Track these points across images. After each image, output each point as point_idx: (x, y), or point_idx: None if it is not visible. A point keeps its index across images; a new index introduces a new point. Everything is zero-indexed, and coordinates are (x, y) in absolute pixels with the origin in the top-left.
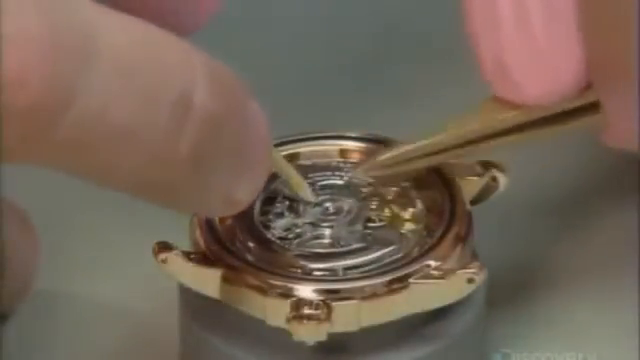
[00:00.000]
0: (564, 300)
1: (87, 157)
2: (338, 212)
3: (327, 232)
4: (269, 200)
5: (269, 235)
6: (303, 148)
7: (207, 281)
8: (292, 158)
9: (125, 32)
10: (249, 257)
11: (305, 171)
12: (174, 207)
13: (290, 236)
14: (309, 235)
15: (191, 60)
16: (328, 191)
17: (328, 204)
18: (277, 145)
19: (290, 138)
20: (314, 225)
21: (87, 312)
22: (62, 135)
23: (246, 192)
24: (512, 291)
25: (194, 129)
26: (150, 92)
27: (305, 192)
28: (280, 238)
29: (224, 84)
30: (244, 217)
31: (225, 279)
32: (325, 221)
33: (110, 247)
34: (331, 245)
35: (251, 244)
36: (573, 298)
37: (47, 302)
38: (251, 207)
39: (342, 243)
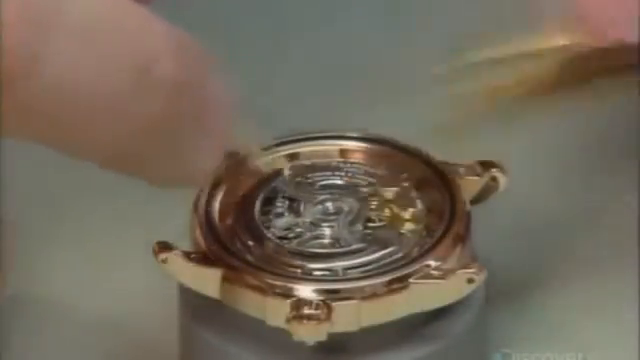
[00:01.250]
0: (564, 300)
1: (53, 126)
2: (338, 212)
3: (327, 232)
4: (269, 200)
5: (269, 235)
6: (303, 148)
7: (207, 281)
8: (292, 158)
9: (89, 1)
10: (249, 257)
11: (305, 171)
12: (142, 176)
13: (290, 236)
14: (309, 235)
15: (154, 28)
16: (328, 191)
17: (328, 204)
18: (277, 145)
19: (290, 138)
20: (314, 225)
21: (81, 320)
22: (27, 103)
23: (206, 160)
24: (512, 291)
25: (157, 96)
26: (113, 59)
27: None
28: (280, 238)
29: (187, 53)
30: (244, 217)
31: (225, 279)
32: (325, 221)
33: (105, 254)
34: (331, 245)
35: (251, 244)
36: (573, 298)
37: (42, 308)
38: (251, 207)
39: (342, 243)
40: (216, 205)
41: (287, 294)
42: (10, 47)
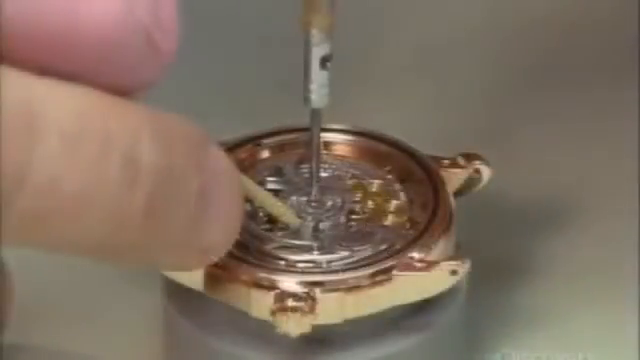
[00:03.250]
0: (564, 300)
1: (44, 230)
2: (322, 204)
3: (311, 224)
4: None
5: (253, 227)
6: (287, 140)
7: (191, 273)
8: (276, 150)
9: (69, 104)
10: (233, 249)
11: (289, 163)
12: (144, 265)
13: (274, 228)
14: (293, 227)
15: (135, 120)
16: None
17: (312, 196)
18: (261, 137)
19: (274, 130)
20: (298, 217)
21: None
22: (18, 214)
23: (218, 240)
24: (512, 291)
25: (145, 187)
26: (97, 159)
27: (290, 218)
28: (264, 230)
29: (171, 137)
30: None
31: (209, 271)
32: (309, 213)
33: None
34: (315, 237)
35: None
36: (573, 298)
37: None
38: None
39: (326, 235)
40: None
41: (271, 286)
42: None
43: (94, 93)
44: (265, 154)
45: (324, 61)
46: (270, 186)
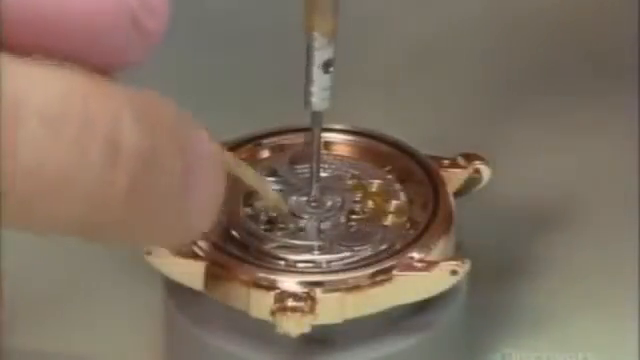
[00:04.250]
0: (564, 300)
1: (28, 213)
2: (322, 204)
3: (311, 224)
4: (253, 192)
5: (253, 227)
6: (287, 140)
7: (191, 273)
8: (276, 150)
9: (50, 88)
10: (233, 249)
11: (289, 163)
12: (128, 244)
13: (274, 228)
14: (293, 227)
15: (116, 103)
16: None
17: (312, 196)
18: (261, 137)
19: (274, 130)
20: (298, 217)
21: None
22: (3, 198)
23: (201, 216)
24: (512, 291)
25: (127, 169)
26: (79, 142)
27: (275, 198)
28: (264, 230)
29: (153, 119)
30: (228, 209)
31: (209, 271)
32: (309, 213)
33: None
34: (315, 237)
35: (235, 236)
36: (573, 298)
37: None
38: (235, 199)
39: (326, 235)
40: None
41: (271, 286)
42: None
43: (76, 75)
44: (265, 154)
45: (327, 65)
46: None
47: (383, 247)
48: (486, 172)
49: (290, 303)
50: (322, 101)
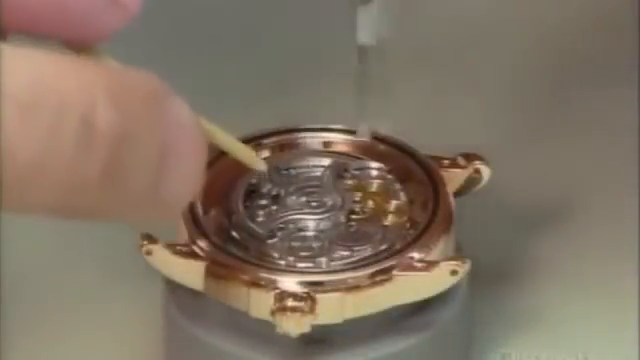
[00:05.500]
0: (564, 300)
1: (6, 197)
2: (322, 204)
3: (311, 224)
4: (253, 192)
5: (253, 227)
6: (287, 140)
7: (191, 273)
8: (276, 150)
9: (24, 70)
10: (233, 249)
11: (289, 163)
12: (104, 220)
13: (274, 228)
14: (293, 227)
15: (90, 81)
16: (312, 183)
17: (312, 196)
18: (261, 137)
19: (274, 130)
20: (298, 217)
21: None
22: None
23: (181, 193)
24: (512, 291)
25: (102, 150)
26: (53, 124)
27: (256, 162)
28: (264, 230)
29: (128, 97)
30: (228, 209)
31: (209, 271)
32: (309, 213)
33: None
34: (315, 237)
35: (235, 236)
36: (573, 298)
37: None
38: (235, 199)
39: (326, 235)
40: (200, 197)
41: (271, 286)
42: None
43: (50, 58)
44: (265, 154)
45: None
46: (270, 186)
47: (383, 247)
48: (486, 172)
49: (290, 303)
50: (369, 35)
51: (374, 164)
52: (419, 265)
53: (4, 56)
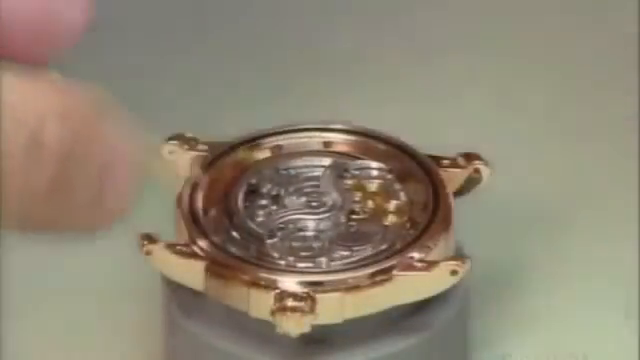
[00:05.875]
0: (564, 300)
1: None
2: (322, 204)
3: (311, 224)
4: (253, 192)
5: (253, 227)
6: (287, 140)
7: (191, 273)
8: (276, 150)
9: None
10: (233, 249)
11: (289, 163)
12: (54, 232)
13: (274, 228)
14: (293, 227)
15: (41, 99)
16: (312, 183)
17: (312, 196)
18: (261, 137)
19: (274, 130)
20: (298, 217)
21: None
22: None
23: (121, 203)
24: (512, 291)
25: (50, 164)
26: (5, 140)
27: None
28: (264, 230)
29: (76, 114)
30: (228, 209)
31: (209, 271)
32: (309, 213)
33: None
34: (315, 237)
35: (235, 236)
36: (573, 298)
37: None
38: (235, 199)
39: (326, 235)
40: (200, 197)
41: (271, 286)
42: None
43: (3, 73)
44: (265, 154)
45: None
46: (270, 186)
47: (383, 247)
48: (486, 172)
49: (290, 303)
50: None
51: (374, 164)
52: (419, 265)
53: None
